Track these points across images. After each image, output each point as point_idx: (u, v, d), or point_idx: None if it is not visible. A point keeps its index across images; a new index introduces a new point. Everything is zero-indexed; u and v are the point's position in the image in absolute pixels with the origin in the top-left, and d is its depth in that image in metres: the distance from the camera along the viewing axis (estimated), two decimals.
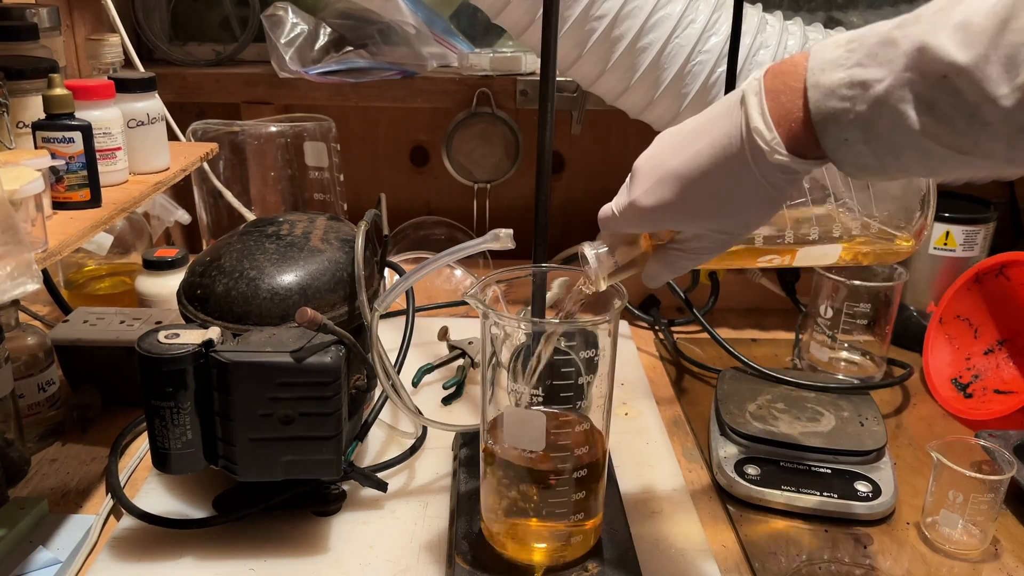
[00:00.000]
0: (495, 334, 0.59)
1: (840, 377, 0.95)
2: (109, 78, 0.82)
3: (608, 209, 0.56)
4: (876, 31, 0.44)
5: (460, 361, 0.96)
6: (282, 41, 1.19)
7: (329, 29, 1.23)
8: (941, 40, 0.40)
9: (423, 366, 0.94)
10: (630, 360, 1.01)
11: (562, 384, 0.58)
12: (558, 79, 0.71)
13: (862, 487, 0.73)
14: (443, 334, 1.00)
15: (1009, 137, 0.41)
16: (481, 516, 0.64)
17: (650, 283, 0.58)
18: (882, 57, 0.43)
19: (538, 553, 0.61)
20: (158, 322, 0.88)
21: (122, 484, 0.73)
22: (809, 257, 0.62)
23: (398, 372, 0.75)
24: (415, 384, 0.93)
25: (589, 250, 0.57)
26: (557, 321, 0.60)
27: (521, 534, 0.61)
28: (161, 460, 0.63)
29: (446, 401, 0.90)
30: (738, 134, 0.48)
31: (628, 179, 0.55)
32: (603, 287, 0.58)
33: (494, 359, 0.60)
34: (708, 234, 0.53)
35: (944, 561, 0.68)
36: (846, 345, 0.97)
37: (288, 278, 0.69)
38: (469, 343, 0.97)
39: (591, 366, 0.59)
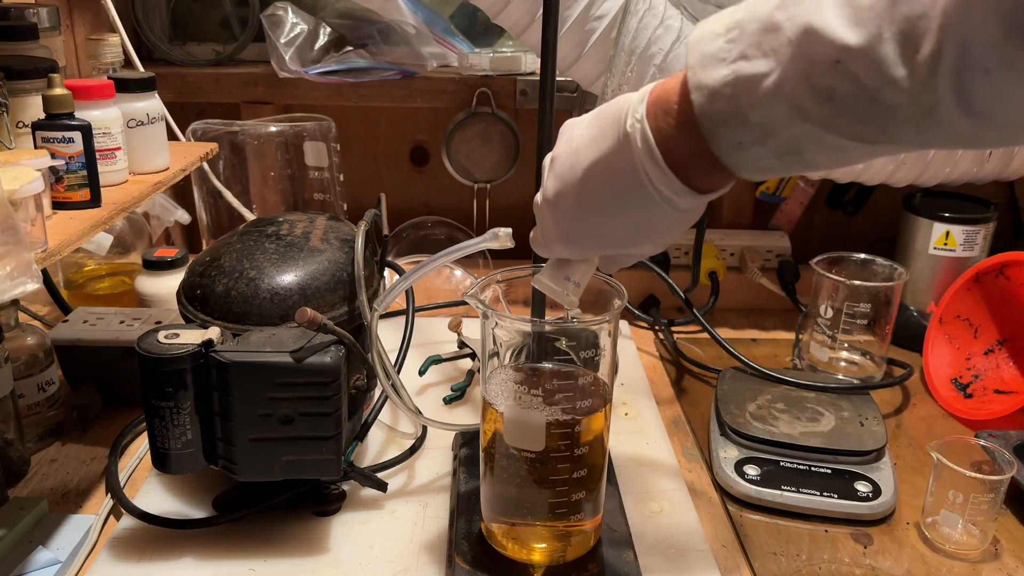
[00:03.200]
0: (495, 334, 0.59)
1: (840, 377, 0.95)
2: (109, 78, 0.82)
3: (537, 236, 0.55)
4: (757, 14, 0.39)
5: (470, 364, 0.95)
6: (282, 41, 1.19)
7: (329, 29, 1.23)
8: (828, 20, 0.36)
9: (432, 356, 0.93)
10: (630, 360, 1.01)
11: (563, 384, 0.59)
12: (558, 79, 0.71)
13: (862, 487, 0.73)
14: (456, 325, 0.96)
15: (917, 121, 0.36)
16: (481, 516, 0.64)
17: (607, 271, 0.58)
18: (766, 46, 0.38)
19: (538, 553, 0.61)
20: (158, 322, 0.88)
21: (122, 484, 0.73)
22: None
23: (398, 372, 0.75)
24: (421, 373, 0.91)
25: (541, 283, 0.57)
26: (556, 320, 0.60)
27: (521, 534, 0.61)
28: (161, 460, 0.63)
29: (447, 399, 0.90)
30: (640, 178, 0.45)
31: (546, 197, 0.52)
32: (575, 302, 0.57)
33: (494, 359, 0.60)
34: (643, 248, 0.52)
35: (944, 561, 0.68)
36: (846, 345, 0.97)
37: (288, 278, 0.69)
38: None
39: (591, 366, 0.59)
